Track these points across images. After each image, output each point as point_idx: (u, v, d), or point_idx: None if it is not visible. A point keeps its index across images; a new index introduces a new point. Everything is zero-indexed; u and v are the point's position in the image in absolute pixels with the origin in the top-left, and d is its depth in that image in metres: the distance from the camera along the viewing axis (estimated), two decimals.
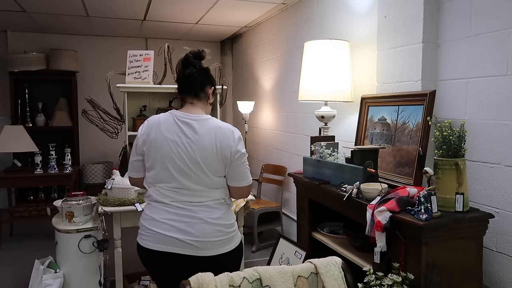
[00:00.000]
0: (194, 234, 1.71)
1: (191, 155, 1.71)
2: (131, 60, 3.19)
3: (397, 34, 2.40)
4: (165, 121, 1.77)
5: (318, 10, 3.62)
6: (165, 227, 1.72)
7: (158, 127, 1.75)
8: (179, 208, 1.73)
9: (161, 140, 1.73)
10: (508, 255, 1.92)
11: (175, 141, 1.72)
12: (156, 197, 1.76)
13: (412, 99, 2.24)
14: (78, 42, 5.73)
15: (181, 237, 1.70)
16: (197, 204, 1.74)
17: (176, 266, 1.72)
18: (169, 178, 1.73)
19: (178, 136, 1.72)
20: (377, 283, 1.74)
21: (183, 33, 5.65)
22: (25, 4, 4.16)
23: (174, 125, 1.75)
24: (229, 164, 1.76)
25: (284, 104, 4.41)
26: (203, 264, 1.69)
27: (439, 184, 1.82)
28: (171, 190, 1.74)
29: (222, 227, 1.76)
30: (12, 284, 3.31)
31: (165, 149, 1.72)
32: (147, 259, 1.81)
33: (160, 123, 1.76)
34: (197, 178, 1.72)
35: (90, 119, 3.34)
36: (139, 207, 2.62)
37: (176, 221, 1.72)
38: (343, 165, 2.32)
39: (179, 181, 1.72)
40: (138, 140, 1.80)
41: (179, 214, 1.72)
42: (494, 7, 1.96)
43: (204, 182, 1.73)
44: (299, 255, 2.71)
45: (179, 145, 1.72)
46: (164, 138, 1.73)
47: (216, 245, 1.74)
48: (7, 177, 4.21)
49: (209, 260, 1.73)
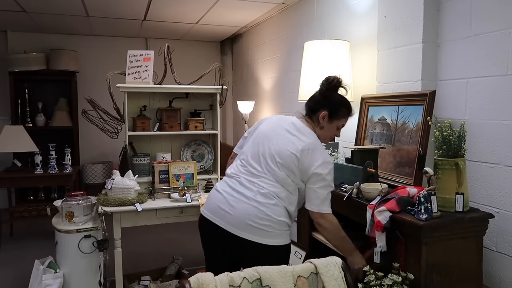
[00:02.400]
0: (235, 209, 1.81)
1: (273, 146, 1.90)
2: (131, 60, 3.19)
3: (397, 34, 2.40)
4: (277, 118, 2.06)
5: (318, 10, 3.62)
6: (217, 196, 1.90)
7: (270, 120, 2.05)
8: (239, 183, 1.88)
9: (268, 128, 1.99)
10: (508, 255, 1.92)
11: (276, 132, 1.94)
12: (232, 169, 1.97)
13: (412, 99, 2.24)
14: (78, 42, 5.73)
15: (224, 208, 1.83)
16: (258, 186, 1.84)
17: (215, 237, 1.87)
18: (252, 156, 1.93)
19: (279, 132, 1.94)
20: (377, 283, 1.74)
21: (183, 33, 5.65)
22: (25, 4, 4.16)
23: (281, 122, 2.00)
24: (306, 181, 1.89)
25: (284, 104, 4.40)
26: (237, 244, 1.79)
27: (439, 184, 1.82)
28: (245, 166, 1.92)
29: (265, 215, 1.80)
30: (12, 284, 3.31)
31: (266, 134, 1.95)
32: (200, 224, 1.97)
33: (272, 119, 2.06)
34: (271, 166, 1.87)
35: (90, 119, 3.33)
36: (139, 207, 2.62)
37: (229, 193, 1.87)
38: (343, 165, 2.32)
39: (255, 161, 1.90)
40: (253, 125, 2.10)
41: (234, 189, 1.87)
42: (494, 7, 1.96)
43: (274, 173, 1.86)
44: (299, 255, 2.71)
45: (271, 136, 1.94)
46: (270, 128, 1.98)
47: (250, 230, 1.78)
48: (7, 177, 4.21)
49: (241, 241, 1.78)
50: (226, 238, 1.82)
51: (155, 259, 3.65)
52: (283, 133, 1.93)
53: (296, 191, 1.91)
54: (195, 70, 3.88)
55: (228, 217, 1.82)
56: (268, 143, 1.91)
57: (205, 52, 6.37)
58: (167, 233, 4.38)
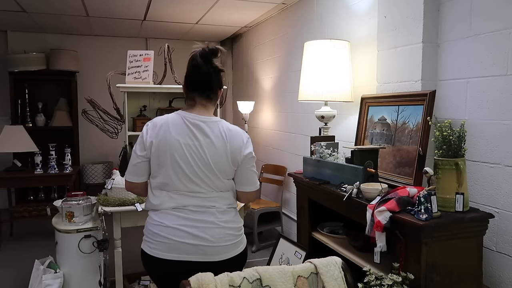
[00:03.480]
0: (208, 239, 1.66)
1: (203, 158, 1.66)
2: (131, 60, 3.19)
3: (397, 34, 2.40)
4: (174, 122, 1.69)
5: (318, 10, 3.62)
6: (178, 234, 1.65)
7: (167, 129, 1.67)
8: (192, 212, 1.68)
9: (171, 142, 1.65)
10: (508, 255, 1.92)
11: (188, 144, 1.66)
12: (166, 202, 1.68)
13: (412, 99, 2.24)
14: (78, 42, 5.73)
15: (194, 243, 1.65)
16: (210, 208, 1.70)
17: (185, 275, 1.53)
18: (181, 182, 1.66)
19: (190, 139, 1.67)
20: (377, 283, 1.74)
21: (183, 33, 5.65)
22: (25, 4, 4.16)
23: (184, 127, 1.68)
24: (238, 167, 1.74)
25: (284, 104, 4.41)
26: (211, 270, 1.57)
27: (439, 184, 1.82)
28: (182, 195, 1.68)
29: (233, 230, 1.74)
30: (12, 284, 3.31)
31: (177, 152, 1.65)
32: (154, 268, 1.71)
33: (169, 125, 1.68)
34: (209, 181, 1.68)
35: (90, 119, 3.34)
36: (139, 207, 2.62)
37: (189, 226, 1.66)
38: (343, 165, 2.32)
39: (191, 185, 1.67)
40: (146, 142, 1.69)
41: (192, 219, 1.67)
42: (494, 7, 1.96)
43: (216, 185, 1.70)
44: (299, 255, 2.71)
45: (192, 148, 1.66)
46: (175, 140, 1.66)
47: (227, 249, 1.71)
48: (7, 177, 4.21)
49: (217, 264, 1.67)
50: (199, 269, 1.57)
51: None
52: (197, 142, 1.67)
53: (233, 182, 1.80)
54: None
55: (203, 248, 1.66)
56: (190, 160, 1.66)
57: None
58: None
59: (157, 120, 1.72)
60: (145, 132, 1.71)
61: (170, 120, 1.71)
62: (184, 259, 1.65)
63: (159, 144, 1.66)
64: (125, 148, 3.12)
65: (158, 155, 1.67)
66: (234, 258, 1.73)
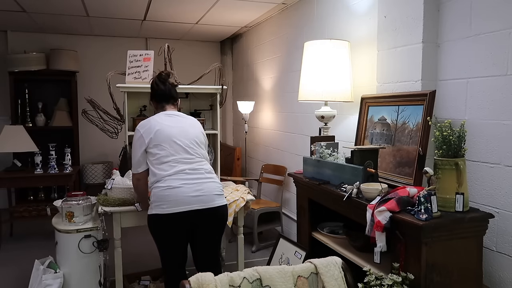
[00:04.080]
0: (204, 190, 2.26)
1: (188, 134, 2.35)
2: (131, 60, 3.19)
3: (397, 34, 2.40)
4: (158, 117, 2.39)
5: (318, 10, 3.62)
6: (182, 191, 2.21)
7: (156, 121, 2.34)
8: (188, 173, 2.26)
9: (164, 127, 2.31)
10: (508, 255, 1.92)
11: (174, 126, 2.34)
12: (168, 170, 2.24)
13: (412, 99, 2.24)
14: (78, 42, 5.73)
15: (195, 194, 2.22)
16: (202, 169, 2.31)
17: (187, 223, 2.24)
18: (177, 152, 2.28)
19: (174, 123, 2.36)
20: (377, 283, 1.74)
21: (183, 33, 5.65)
22: (25, 4, 4.16)
23: (167, 117, 2.39)
24: None
25: (284, 104, 4.41)
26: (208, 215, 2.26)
27: (439, 184, 1.82)
28: (179, 162, 2.27)
29: (218, 184, 2.37)
30: (12, 284, 3.31)
31: (171, 133, 2.30)
32: (166, 224, 2.24)
33: (155, 119, 2.36)
34: (197, 150, 2.35)
35: (90, 119, 3.34)
36: (139, 207, 2.62)
37: (189, 184, 2.23)
38: (343, 165, 2.32)
39: (185, 154, 2.29)
40: (142, 138, 2.31)
41: (190, 179, 2.25)
42: (494, 7, 1.96)
43: (202, 153, 2.38)
44: (299, 255, 2.71)
45: (178, 128, 2.34)
46: (166, 126, 2.32)
47: (218, 198, 2.31)
48: (7, 177, 4.21)
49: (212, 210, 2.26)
50: (197, 216, 2.24)
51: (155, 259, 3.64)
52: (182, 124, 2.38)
53: None
54: (195, 70, 3.89)
55: (202, 198, 2.24)
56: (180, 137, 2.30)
57: (205, 52, 6.37)
58: None
59: (142, 122, 2.38)
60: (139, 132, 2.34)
61: (154, 117, 2.39)
62: (189, 209, 2.21)
63: (155, 132, 2.29)
64: (125, 148, 3.12)
65: (156, 139, 2.28)
66: (222, 207, 2.33)
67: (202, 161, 2.35)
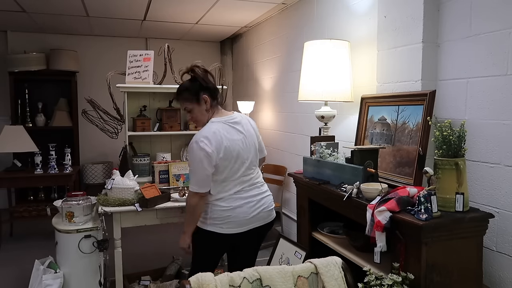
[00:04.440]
0: (264, 206, 2.20)
1: (250, 147, 2.19)
2: (131, 60, 3.19)
3: (397, 34, 2.40)
4: (223, 129, 2.12)
5: (318, 10, 3.62)
6: (244, 210, 2.13)
7: (224, 135, 2.09)
8: (249, 190, 2.17)
9: (232, 144, 2.10)
10: (508, 255, 1.92)
11: (239, 140, 2.14)
12: (231, 189, 2.13)
13: (412, 99, 2.24)
14: (78, 42, 5.73)
15: (256, 212, 2.16)
16: (258, 182, 2.23)
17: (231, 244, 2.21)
18: (240, 169, 2.13)
19: (238, 135, 2.15)
20: (377, 283, 1.74)
21: (183, 33, 5.65)
22: (25, 4, 4.16)
23: (231, 129, 2.14)
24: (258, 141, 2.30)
25: (284, 104, 4.41)
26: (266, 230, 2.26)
27: (439, 184, 1.82)
28: (242, 178, 2.14)
29: (271, 195, 2.30)
30: (12, 284, 3.31)
31: (238, 150, 2.12)
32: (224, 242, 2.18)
33: (222, 132, 2.10)
34: (255, 161, 2.24)
35: (90, 119, 3.34)
36: (139, 208, 2.62)
37: (251, 201, 2.15)
38: (343, 165, 2.32)
39: (248, 170, 2.17)
40: (212, 154, 2.03)
41: (252, 195, 2.17)
42: (494, 7, 1.96)
43: (256, 162, 2.26)
44: (299, 255, 2.71)
45: (243, 141, 2.15)
46: (233, 141, 2.11)
47: (273, 211, 2.28)
48: (7, 177, 4.21)
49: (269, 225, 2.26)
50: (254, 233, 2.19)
51: (155, 259, 3.65)
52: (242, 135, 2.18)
53: None
54: None
55: (261, 215, 2.19)
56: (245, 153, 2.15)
57: (205, 52, 6.37)
58: (167, 233, 4.38)
59: (209, 133, 2.08)
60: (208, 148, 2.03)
61: (220, 128, 2.12)
62: (249, 228, 2.16)
63: (225, 149, 2.07)
64: (125, 148, 3.12)
65: (227, 157, 2.08)
66: (271, 223, 2.28)
67: (256, 172, 2.25)
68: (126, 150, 3.10)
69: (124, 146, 3.13)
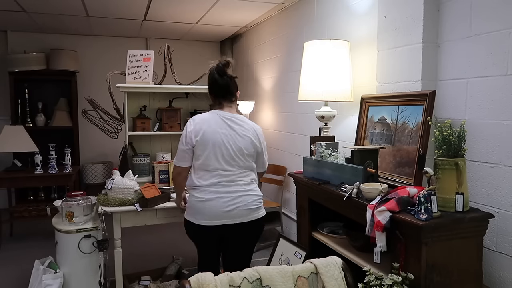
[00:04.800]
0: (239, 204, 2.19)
1: (236, 144, 2.19)
2: (131, 60, 3.19)
3: (397, 34, 2.40)
4: (212, 118, 2.22)
5: (318, 10, 3.62)
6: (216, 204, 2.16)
7: (208, 122, 2.20)
8: (228, 185, 2.19)
9: (213, 132, 2.17)
10: (508, 255, 1.92)
11: (224, 133, 2.18)
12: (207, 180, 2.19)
13: (412, 99, 2.24)
14: (78, 42, 5.73)
15: (229, 208, 2.17)
16: (240, 181, 2.22)
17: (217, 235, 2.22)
18: (219, 162, 2.17)
19: (226, 129, 2.19)
20: (377, 283, 1.74)
21: (183, 33, 5.65)
22: (25, 4, 4.16)
23: (220, 120, 2.21)
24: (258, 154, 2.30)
25: (284, 104, 4.41)
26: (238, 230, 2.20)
27: (439, 184, 1.82)
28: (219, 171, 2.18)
29: (255, 197, 2.25)
30: (12, 284, 3.31)
31: (216, 138, 2.17)
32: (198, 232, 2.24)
33: (209, 120, 2.21)
34: (240, 162, 2.21)
35: (90, 119, 3.34)
36: (139, 207, 2.62)
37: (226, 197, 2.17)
38: (343, 165, 2.32)
39: (226, 165, 2.18)
40: (190, 134, 2.19)
41: (228, 191, 2.18)
42: (494, 7, 1.96)
43: (245, 165, 2.23)
44: (299, 255, 2.71)
45: (227, 136, 2.19)
46: (215, 130, 2.18)
47: (253, 211, 2.23)
48: (7, 177, 4.21)
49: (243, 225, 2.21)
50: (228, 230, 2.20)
51: (155, 259, 3.65)
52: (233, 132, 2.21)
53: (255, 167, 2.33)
54: (195, 70, 3.88)
55: (235, 212, 2.18)
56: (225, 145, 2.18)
57: (205, 52, 6.37)
58: (167, 233, 4.38)
59: (197, 117, 2.25)
60: (189, 127, 2.22)
61: (208, 116, 2.24)
62: (221, 223, 2.18)
63: (202, 134, 2.17)
64: (125, 148, 3.12)
65: (202, 142, 2.17)
66: (257, 221, 2.26)
67: (244, 172, 2.23)
68: (126, 150, 3.10)
69: (124, 146, 3.13)
